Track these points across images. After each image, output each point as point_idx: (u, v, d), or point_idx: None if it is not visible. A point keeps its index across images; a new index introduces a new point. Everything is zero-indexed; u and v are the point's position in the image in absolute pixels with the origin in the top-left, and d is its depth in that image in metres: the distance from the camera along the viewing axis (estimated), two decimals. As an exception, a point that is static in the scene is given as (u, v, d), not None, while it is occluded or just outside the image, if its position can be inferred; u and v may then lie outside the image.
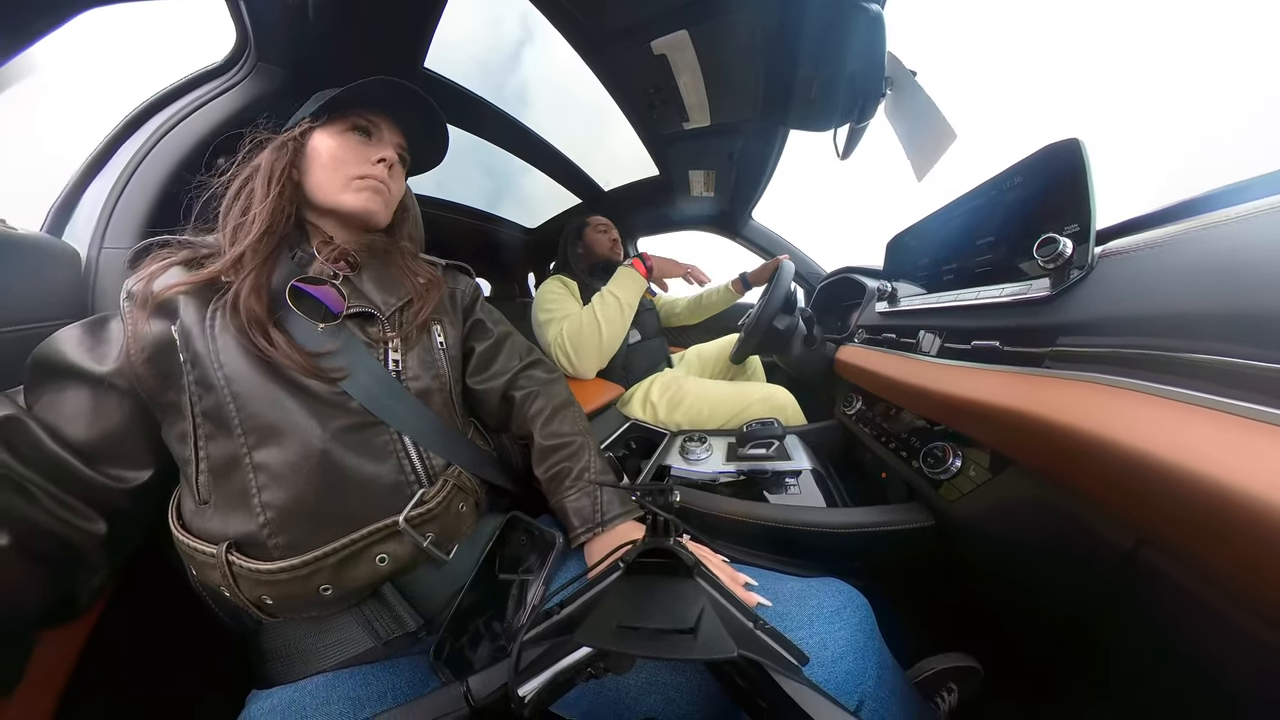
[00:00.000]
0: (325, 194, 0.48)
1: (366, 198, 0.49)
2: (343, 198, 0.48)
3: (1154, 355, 0.32)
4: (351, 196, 0.49)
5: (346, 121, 0.49)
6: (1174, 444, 0.27)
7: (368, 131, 0.51)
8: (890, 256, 0.94)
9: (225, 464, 0.39)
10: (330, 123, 0.49)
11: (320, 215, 0.50)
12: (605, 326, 1.08)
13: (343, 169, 0.48)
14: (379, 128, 0.51)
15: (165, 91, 0.63)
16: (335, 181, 0.48)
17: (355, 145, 0.49)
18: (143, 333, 0.39)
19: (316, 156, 0.48)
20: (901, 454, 0.68)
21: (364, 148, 0.50)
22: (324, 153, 0.48)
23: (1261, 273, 0.28)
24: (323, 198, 0.48)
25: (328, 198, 0.48)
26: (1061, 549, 0.41)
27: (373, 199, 0.50)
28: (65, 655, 0.41)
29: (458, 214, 1.67)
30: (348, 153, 0.49)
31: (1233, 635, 0.27)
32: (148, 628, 0.51)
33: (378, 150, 0.50)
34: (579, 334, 1.08)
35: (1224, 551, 0.26)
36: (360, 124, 0.50)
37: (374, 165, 0.50)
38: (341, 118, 0.49)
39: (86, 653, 0.43)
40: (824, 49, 0.77)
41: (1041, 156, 0.50)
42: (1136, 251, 0.38)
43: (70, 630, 0.41)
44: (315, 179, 0.48)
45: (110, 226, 0.56)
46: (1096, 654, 0.41)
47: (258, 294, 0.41)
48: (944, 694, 0.60)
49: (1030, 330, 0.47)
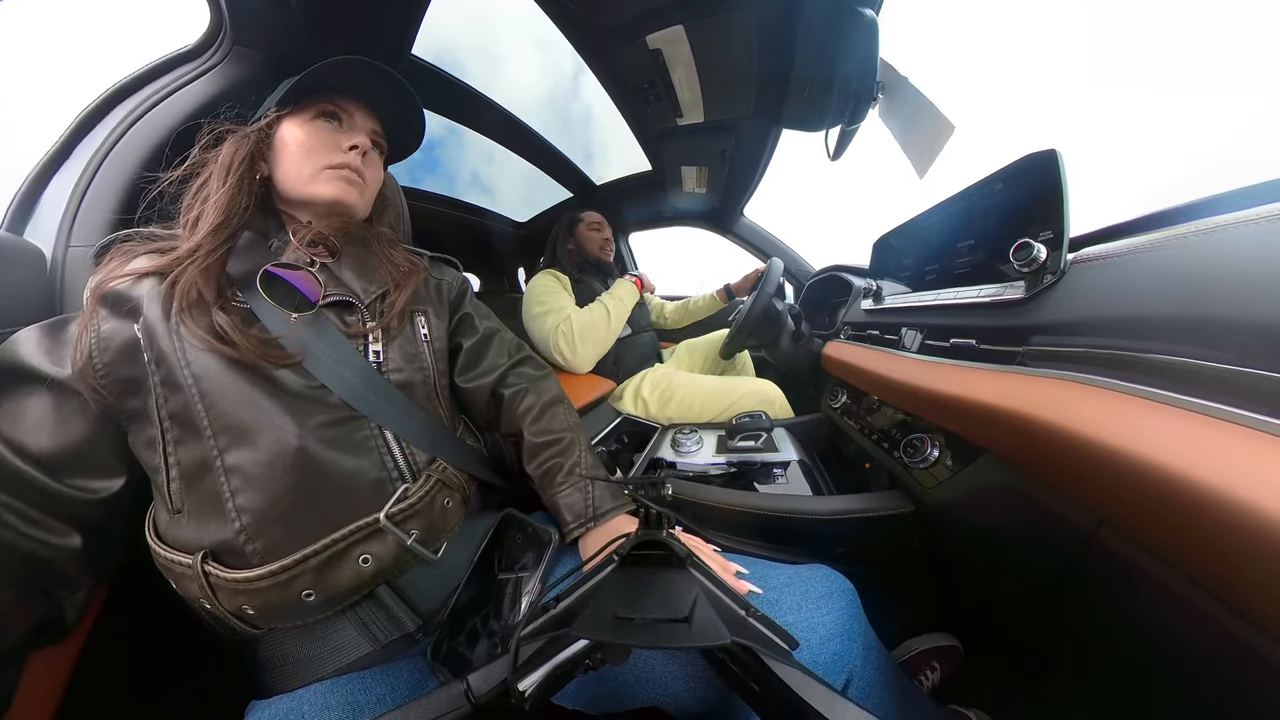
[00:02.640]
0: (296, 185, 0.46)
1: (340, 187, 0.47)
2: (314, 188, 0.46)
3: (1118, 355, 0.35)
4: (323, 186, 0.46)
5: (314, 108, 0.46)
6: (1132, 436, 0.30)
7: (338, 117, 0.48)
8: (876, 256, 0.96)
9: (196, 469, 0.37)
10: (298, 110, 0.46)
11: (294, 207, 0.48)
12: (614, 324, 1.16)
13: (312, 158, 0.45)
14: (350, 113, 0.49)
15: (133, 77, 0.59)
16: (305, 171, 0.45)
17: (325, 132, 0.47)
18: (106, 334, 0.37)
19: (284, 146, 0.45)
20: (883, 445, 0.71)
21: (334, 135, 0.47)
22: (291, 142, 0.45)
23: (1216, 282, 0.31)
24: (294, 189, 0.46)
25: (299, 189, 0.46)
26: (1030, 530, 0.44)
27: (347, 189, 0.47)
28: (57, 675, 0.40)
29: (446, 207, 1.63)
30: (316, 140, 0.46)
31: (1179, 603, 0.30)
32: (142, 641, 0.49)
33: (349, 137, 0.48)
34: (589, 325, 1.11)
35: (1173, 531, 0.29)
36: (328, 110, 0.47)
37: (346, 152, 0.47)
38: (309, 104, 0.46)
39: (79, 671, 0.41)
40: (818, 51, 0.78)
41: (1021, 165, 0.52)
42: (1106, 259, 0.41)
43: (60, 649, 0.40)
44: (285, 170, 0.46)
45: (76, 223, 0.52)
46: (1061, 624, 0.44)
47: (205, 277, 0.38)
48: (927, 672, 0.63)
49: (1005, 330, 0.50)
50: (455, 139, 1.17)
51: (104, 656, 0.43)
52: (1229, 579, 0.27)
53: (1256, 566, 0.24)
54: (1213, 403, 0.27)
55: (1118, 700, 0.41)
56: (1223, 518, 0.24)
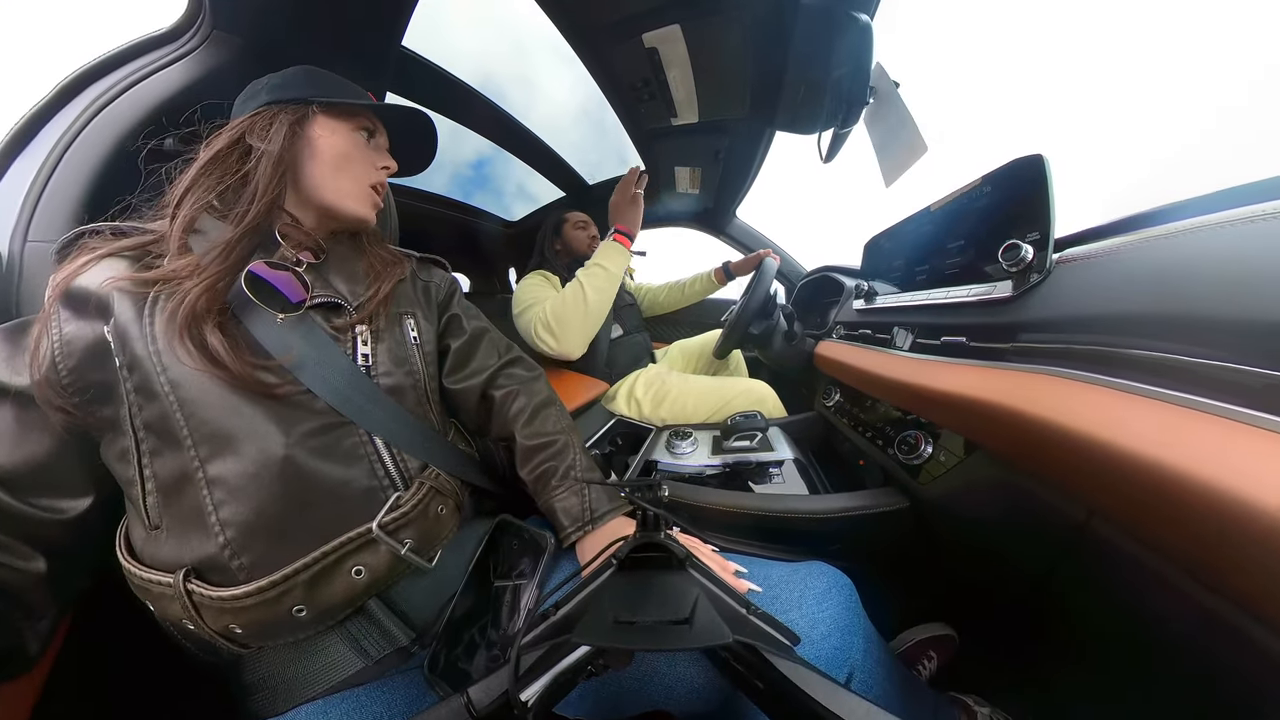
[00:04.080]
0: (327, 193, 0.45)
1: (369, 209, 0.48)
2: (349, 203, 0.46)
3: (1102, 350, 0.36)
4: (357, 204, 0.47)
5: (356, 120, 0.47)
6: (1116, 429, 0.31)
7: (373, 133, 0.49)
8: (867, 257, 0.98)
9: (175, 481, 0.34)
10: (336, 115, 0.45)
11: (303, 206, 0.46)
12: (592, 294, 0.99)
13: (351, 170, 0.46)
14: (380, 132, 0.50)
15: (102, 59, 0.53)
16: (341, 183, 0.45)
17: (364, 148, 0.47)
18: (70, 336, 0.34)
19: (317, 150, 0.44)
20: (878, 442, 0.72)
21: (370, 152, 0.48)
22: (330, 148, 0.44)
23: (1195, 281, 0.32)
24: (323, 196, 0.45)
25: (330, 197, 0.45)
26: (1023, 523, 0.45)
27: (374, 210, 0.49)
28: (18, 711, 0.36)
29: (435, 205, 1.61)
30: (358, 154, 0.46)
31: (1167, 588, 0.31)
32: (111, 672, 0.46)
33: (382, 158, 0.49)
34: (562, 306, 1.01)
35: (1158, 518, 0.30)
36: (367, 125, 0.48)
37: (379, 172, 0.48)
38: (351, 114, 0.46)
39: (41, 706, 0.38)
40: (813, 54, 0.79)
41: (1009, 169, 0.54)
42: (1089, 259, 0.42)
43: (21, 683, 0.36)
44: (317, 172, 0.44)
45: (36, 216, 0.48)
46: (1054, 613, 0.46)
47: (211, 298, 0.36)
48: (925, 661, 0.64)
49: (994, 327, 0.51)
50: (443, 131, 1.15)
51: (69, 689, 0.40)
52: (1212, 562, 0.28)
53: (1236, 549, 0.25)
54: (1192, 395, 0.29)
55: (1110, 683, 0.42)
56: (1203, 504, 0.25)
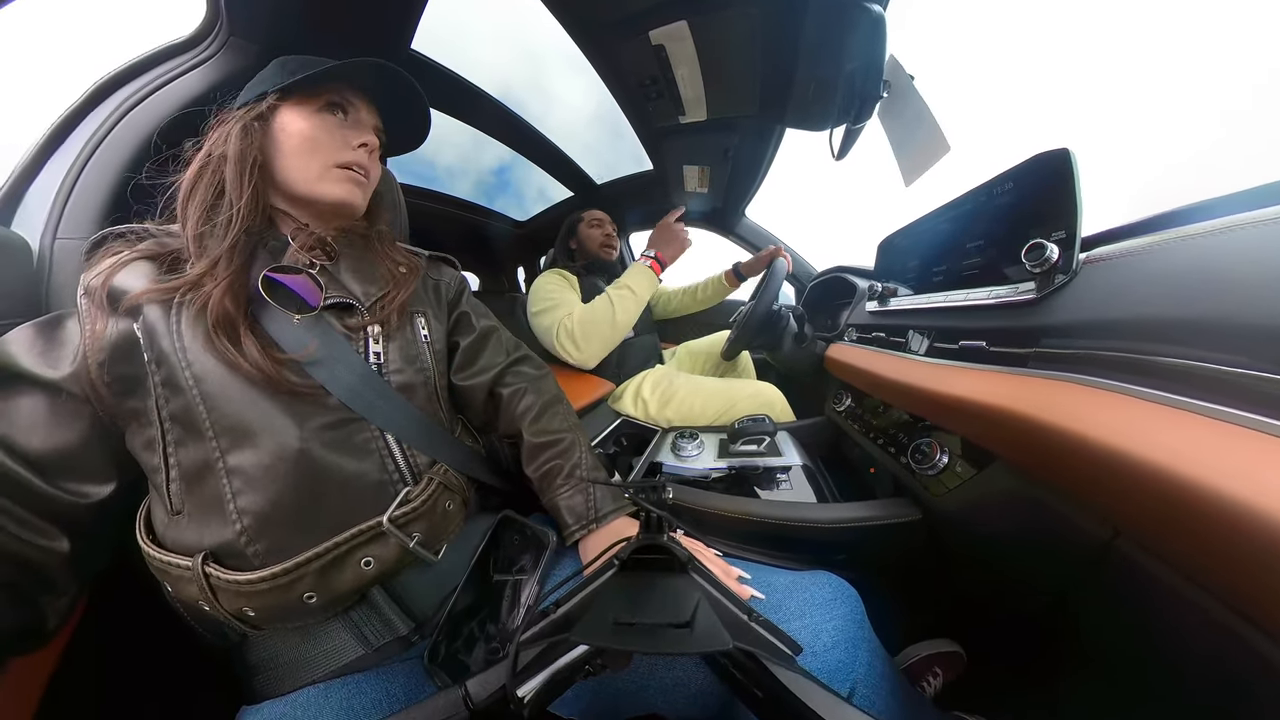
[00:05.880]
0: (300, 182, 0.44)
1: (348, 189, 0.45)
2: (321, 187, 0.44)
3: (1130, 358, 0.34)
4: (331, 186, 0.44)
5: (320, 99, 0.44)
6: (1147, 442, 0.29)
7: (343, 109, 0.46)
8: (881, 257, 0.95)
9: (197, 470, 0.36)
10: (300, 99, 0.43)
11: (290, 202, 0.45)
12: (620, 315, 1.06)
13: (320, 153, 0.43)
14: (355, 107, 0.47)
15: (126, 67, 0.57)
16: (312, 168, 0.43)
17: (332, 127, 0.44)
18: (102, 333, 0.36)
19: (287, 138, 0.43)
20: (890, 450, 0.70)
21: (342, 130, 0.45)
22: (295, 134, 0.43)
23: (1228, 283, 0.30)
24: (297, 186, 0.44)
25: (303, 186, 0.44)
26: (1042, 540, 0.43)
27: (354, 190, 0.46)
28: (34, 683, 0.38)
29: (444, 204, 1.63)
30: (324, 134, 0.44)
31: (1197, 616, 0.29)
32: (124, 647, 0.48)
33: (358, 134, 0.46)
34: (592, 320, 1.05)
35: (1195, 543, 0.28)
36: (335, 101, 0.45)
37: (354, 150, 0.45)
38: (314, 94, 0.44)
39: (57, 679, 0.40)
40: (824, 48, 0.77)
41: (1032, 165, 0.51)
42: (1117, 259, 0.40)
43: (39, 656, 0.38)
44: (287, 163, 0.43)
45: (65, 214, 0.51)
46: (1068, 634, 0.43)
47: (235, 300, 0.38)
48: (930, 678, 0.62)
49: (1015, 332, 0.49)
50: (453, 133, 1.16)
51: (84, 664, 0.42)
52: (1250, 592, 0.26)
53: (1277, 578, 0.23)
54: (1230, 408, 0.27)
55: (1126, 712, 0.40)
56: (1243, 528, 0.24)
